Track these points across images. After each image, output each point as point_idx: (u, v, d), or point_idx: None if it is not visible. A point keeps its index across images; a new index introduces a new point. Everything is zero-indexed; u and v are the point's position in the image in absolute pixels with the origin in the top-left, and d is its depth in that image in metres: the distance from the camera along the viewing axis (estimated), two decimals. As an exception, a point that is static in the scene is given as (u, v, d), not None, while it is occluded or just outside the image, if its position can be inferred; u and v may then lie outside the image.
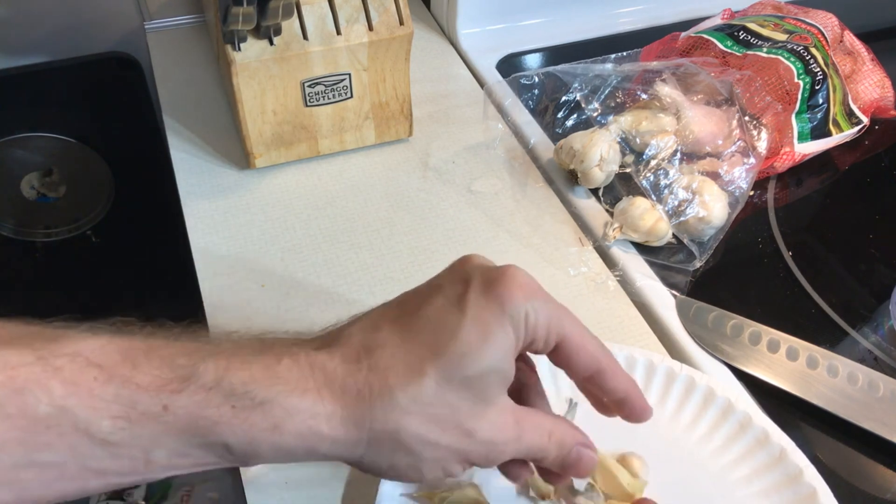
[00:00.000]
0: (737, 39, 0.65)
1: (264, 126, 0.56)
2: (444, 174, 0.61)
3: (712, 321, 0.50)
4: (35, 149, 0.82)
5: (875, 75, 0.69)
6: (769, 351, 0.48)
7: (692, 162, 0.58)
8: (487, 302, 0.29)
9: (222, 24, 0.49)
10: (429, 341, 0.29)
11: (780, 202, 0.62)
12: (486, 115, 0.66)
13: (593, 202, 0.59)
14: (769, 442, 0.41)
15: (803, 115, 0.61)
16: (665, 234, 0.54)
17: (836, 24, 0.69)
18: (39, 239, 0.89)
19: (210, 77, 0.69)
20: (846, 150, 0.66)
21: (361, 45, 0.55)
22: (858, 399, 0.45)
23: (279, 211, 0.57)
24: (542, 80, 0.64)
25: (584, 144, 0.57)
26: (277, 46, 0.52)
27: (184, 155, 0.61)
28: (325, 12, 0.53)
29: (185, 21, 0.76)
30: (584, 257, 0.55)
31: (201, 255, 0.53)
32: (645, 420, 0.34)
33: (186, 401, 0.26)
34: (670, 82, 0.61)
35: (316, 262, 0.53)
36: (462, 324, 0.29)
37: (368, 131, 0.61)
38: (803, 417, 0.46)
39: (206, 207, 0.57)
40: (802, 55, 0.62)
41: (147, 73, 0.79)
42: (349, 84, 0.57)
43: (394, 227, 0.56)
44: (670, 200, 0.55)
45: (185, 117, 0.64)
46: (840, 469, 0.44)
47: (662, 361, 0.44)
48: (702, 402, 0.43)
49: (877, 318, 0.53)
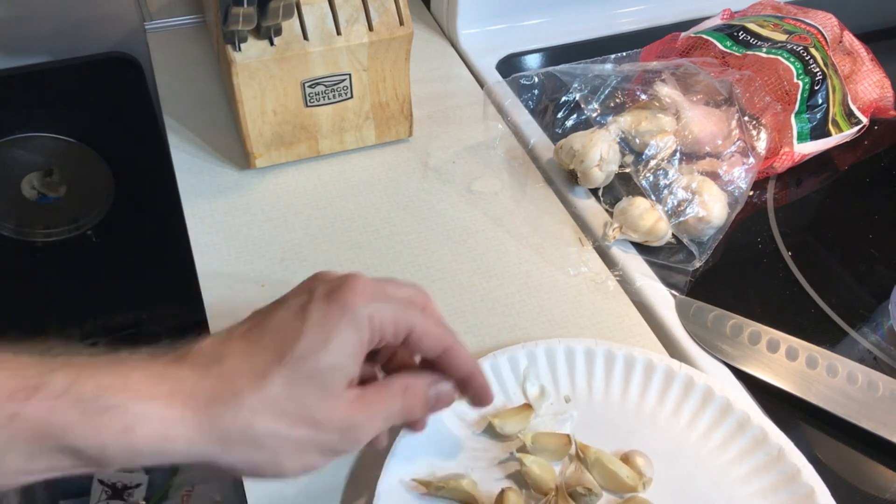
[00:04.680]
0: (736, 40, 0.65)
1: (264, 126, 0.57)
2: (444, 174, 0.61)
3: (712, 321, 0.50)
4: (35, 149, 0.82)
5: (874, 75, 0.69)
6: (769, 351, 0.48)
7: (692, 162, 0.58)
8: (329, 308, 0.32)
9: (222, 25, 0.49)
10: (273, 347, 0.31)
11: (780, 202, 0.62)
12: (486, 115, 0.66)
13: (593, 202, 0.59)
14: (767, 441, 0.41)
15: (803, 115, 0.62)
16: (665, 234, 0.54)
17: (835, 24, 0.69)
18: (39, 239, 0.89)
19: (210, 77, 0.69)
20: (846, 151, 0.66)
21: (361, 46, 0.55)
22: (858, 399, 0.45)
23: (279, 211, 0.57)
24: (542, 80, 0.64)
25: (584, 144, 0.57)
26: (278, 47, 0.52)
27: (184, 155, 0.61)
28: (326, 12, 0.53)
29: (185, 21, 0.76)
30: (584, 257, 0.55)
31: (201, 255, 0.53)
32: (487, 404, 0.38)
33: (36, 407, 0.26)
34: (670, 82, 0.61)
35: (316, 262, 0.53)
36: (304, 329, 0.31)
37: (368, 131, 0.61)
38: (802, 417, 0.46)
39: (206, 207, 0.57)
40: (802, 55, 0.62)
41: (147, 73, 0.79)
42: (349, 84, 0.57)
43: (394, 227, 0.56)
44: (670, 200, 0.55)
45: (185, 117, 0.64)
46: (839, 469, 0.44)
47: (661, 361, 0.44)
48: (700, 401, 0.43)
49: (876, 318, 0.53)
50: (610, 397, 0.44)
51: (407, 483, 0.39)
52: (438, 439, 0.41)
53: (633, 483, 0.39)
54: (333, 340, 0.31)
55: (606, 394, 0.44)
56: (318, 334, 0.31)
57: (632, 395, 0.44)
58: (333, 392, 0.31)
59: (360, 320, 0.32)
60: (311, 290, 0.33)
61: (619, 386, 0.44)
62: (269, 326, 0.32)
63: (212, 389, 0.29)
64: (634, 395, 0.44)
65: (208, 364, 0.30)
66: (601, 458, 0.40)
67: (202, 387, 0.29)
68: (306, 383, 0.31)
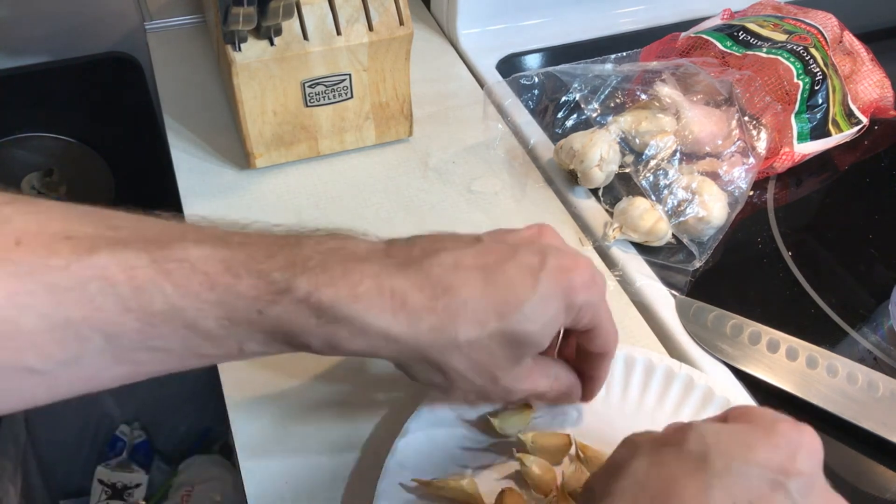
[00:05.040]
0: (736, 40, 0.65)
1: (264, 126, 0.57)
2: (444, 174, 0.61)
3: (712, 321, 0.50)
4: (35, 149, 0.82)
5: (874, 75, 0.69)
6: (769, 351, 0.48)
7: (692, 162, 0.58)
8: (555, 285, 0.33)
9: (222, 25, 0.49)
10: (499, 300, 0.32)
11: (780, 202, 0.62)
12: (486, 115, 0.66)
13: (593, 202, 0.59)
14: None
15: (803, 115, 0.62)
16: (665, 234, 0.54)
17: (835, 24, 0.69)
18: (39, 239, 0.88)
19: (210, 77, 0.69)
20: (846, 151, 0.67)
21: (361, 46, 0.55)
22: (858, 399, 0.45)
23: (279, 211, 0.57)
24: (542, 80, 0.64)
25: (584, 144, 0.57)
26: (278, 47, 0.52)
27: (184, 155, 0.61)
28: (326, 12, 0.53)
29: (185, 21, 0.76)
30: (584, 257, 0.55)
31: (201, 255, 0.53)
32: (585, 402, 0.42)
33: (279, 310, 0.30)
34: (670, 82, 0.61)
35: (316, 262, 0.53)
36: (530, 297, 0.33)
37: (368, 131, 0.61)
38: (803, 417, 0.46)
39: (206, 207, 0.57)
40: (802, 55, 0.62)
41: (147, 73, 0.79)
42: (349, 84, 0.57)
43: (394, 227, 0.56)
44: (670, 200, 0.55)
45: (185, 117, 0.64)
46: (840, 469, 0.44)
47: (661, 360, 0.44)
48: (701, 401, 0.43)
49: (876, 318, 0.53)
50: (610, 397, 0.44)
51: (407, 483, 0.39)
52: (438, 439, 0.41)
53: None
54: (549, 320, 0.33)
55: (607, 393, 0.44)
56: (539, 307, 0.33)
57: (632, 394, 0.44)
58: (521, 360, 0.35)
59: (573, 309, 0.34)
60: (543, 253, 0.34)
61: (619, 386, 0.44)
62: (503, 275, 0.33)
63: (436, 323, 0.32)
64: (635, 395, 0.44)
65: (436, 292, 0.32)
66: (601, 458, 0.39)
67: (426, 314, 0.32)
68: (508, 345, 0.33)
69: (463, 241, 0.35)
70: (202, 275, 0.28)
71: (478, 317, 0.32)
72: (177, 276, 0.28)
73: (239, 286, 0.29)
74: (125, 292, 0.27)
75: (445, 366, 0.33)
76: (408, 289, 0.32)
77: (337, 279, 0.30)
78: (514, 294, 0.33)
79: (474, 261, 0.33)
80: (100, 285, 0.27)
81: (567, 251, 0.35)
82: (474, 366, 0.33)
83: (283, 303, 0.30)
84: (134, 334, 0.28)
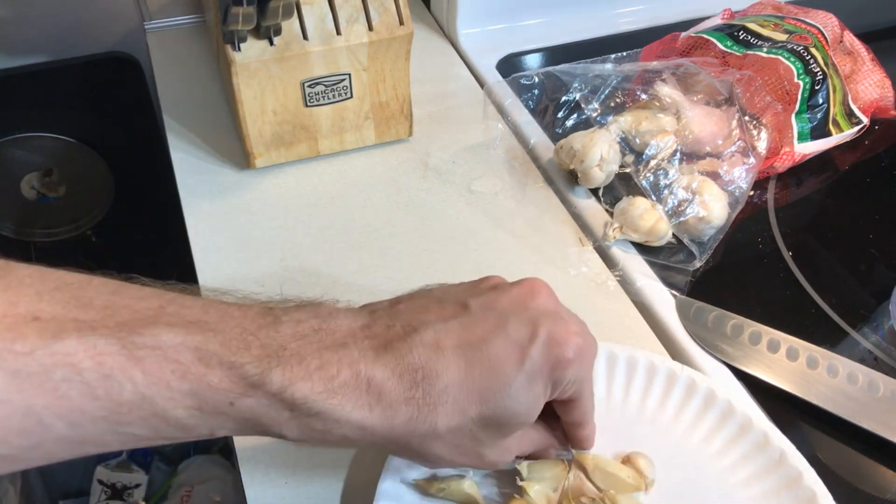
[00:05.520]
0: (737, 39, 0.65)
1: (264, 126, 0.56)
2: (444, 174, 0.61)
3: (712, 321, 0.50)
4: (35, 149, 0.82)
5: (875, 75, 0.69)
6: (769, 351, 0.48)
7: (692, 162, 0.58)
8: (544, 362, 0.32)
9: (222, 25, 0.49)
10: (482, 385, 0.32)
11: (780, 202, 0.62)
12: (486, 115, 0.66)
13: (593, 202, 0.59)
14: (769, 445, 0.41)
15: (803, 115, 0.61)
16: (665, 234, 0.54)
17: (835, 24, 0.69)
18: (39, 239, 0.89)
19: (210, 77, 0.69)
20: (846, 150, 0.66)
21: (361, 45, 0.55)
22: (858, 399, 0.45)
23: (279, 211, 0.57)
24: (542, 80, 0.64)
25: (584, 144, 0.57)
26: (277, 46, 0.52)
27: (184, 155, 0.61)
28: (325, 12, 0.53)
29: (185, 21, 0.76)
30: (584, 257, 0.55)
31: (201, 255, 0.53)
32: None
33: (252, 403, 0.29)
34: (670, 82, 0.61)
35: (316, 262, 0.53)
36: (516, 378, 0.32)
37: (368, 131, 0.61)
38: (803, 417, 0.46)
39: (206, 207, 0.57)
40: (802, 55, 0.62)
41: (147, 73, 0.79)
42: (349, 84, 0.57)
43: (394, 227, 0.56)
44: (670, 200, 0.55)
45: (185, 117, 0.64)
46: (840, 469, 0.44)
47: (664, 363, 0.44)
48: (702, 404, 0.43)
49: (877, 318, 0.53)
50: (612, 400, 0.44)
51: (408, 484, 0.39)
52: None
53: (634, 483, 0.39)
54: (535, 398, 0.33)
55: (608, 396, 0.44)
56: (524, 386, 0.32)
57: (633, 397, 0.44)
58: (506, 437, 0.34)
59: (559, 384, 0.33)
60: (535, 323, 0.33)
61: (620, 388, 0.44)
62: (489, 353, 0.32)
63: (414, 413, 0.31)
64: (636, 398, 0.44)
65: (415, 379, 0.31)
66: (599, 464, 0.39)
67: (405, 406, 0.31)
68: (493, 426, 0.33)
69: (448, 309, 0.33)
70: (174, 363, 0.28)
71: (459, 405, 0.31)
72: (147, 363, 0.27)
73: (211, 377, 0.28)
74: (92, 379, 0.26)
75: (426, 453, 0.33)
76: (386, 379, 0.30)
77: (313, 372, 0.30)
78: (499, 375, 0.32)
79: (458, 338, 0.32)
80: (65, 372, 0.26)
81: (560, 316, 0.34)
82: (456, 450, 0.33)
83: (256, 396, 0.29)
84: (101, 422, 0.27)
